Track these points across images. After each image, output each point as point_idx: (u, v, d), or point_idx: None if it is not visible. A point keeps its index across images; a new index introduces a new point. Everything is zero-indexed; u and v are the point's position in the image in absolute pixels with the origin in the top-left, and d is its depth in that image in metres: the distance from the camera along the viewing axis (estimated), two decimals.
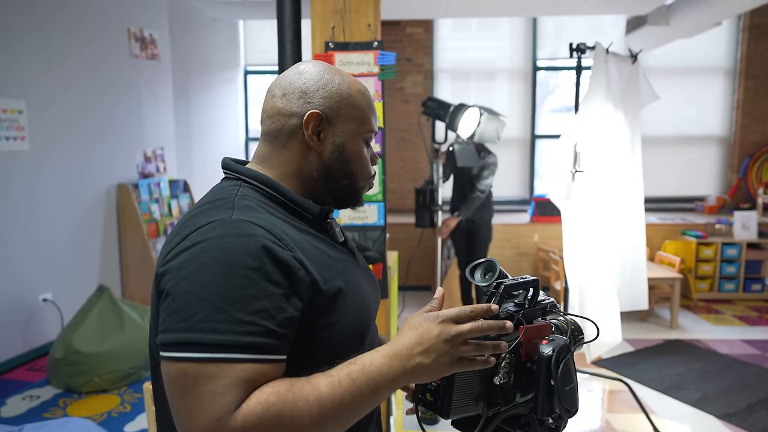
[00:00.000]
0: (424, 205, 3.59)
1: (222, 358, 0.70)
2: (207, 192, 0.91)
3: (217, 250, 0.74)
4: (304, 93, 0.88)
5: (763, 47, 5.61)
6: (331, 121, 0.89)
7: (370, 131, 0.93)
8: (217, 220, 0.78)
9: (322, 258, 0.84)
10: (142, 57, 4.53)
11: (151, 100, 4.65)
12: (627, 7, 4.77)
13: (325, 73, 0.91)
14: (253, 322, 0.71)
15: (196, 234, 0.77)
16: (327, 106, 0.88)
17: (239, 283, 0.72)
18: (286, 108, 0.89)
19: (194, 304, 0.71)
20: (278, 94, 0.90)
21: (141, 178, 4.51)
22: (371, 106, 0.94)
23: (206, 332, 0.70)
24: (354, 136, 0.91)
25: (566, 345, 0.88)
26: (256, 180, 0.88)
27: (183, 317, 0.71)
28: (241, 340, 0.70)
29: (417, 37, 5.79)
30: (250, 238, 0.75)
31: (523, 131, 5.94)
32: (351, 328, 0.85)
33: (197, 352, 0.70)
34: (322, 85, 0.89)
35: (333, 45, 2.11)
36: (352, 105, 0.90)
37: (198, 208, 0.84)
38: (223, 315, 0.71)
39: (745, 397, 3.11)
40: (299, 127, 0.88)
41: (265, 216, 0.82)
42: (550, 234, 5.25)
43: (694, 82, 5.79)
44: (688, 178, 5.93)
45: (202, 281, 0.72)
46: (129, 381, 3.21)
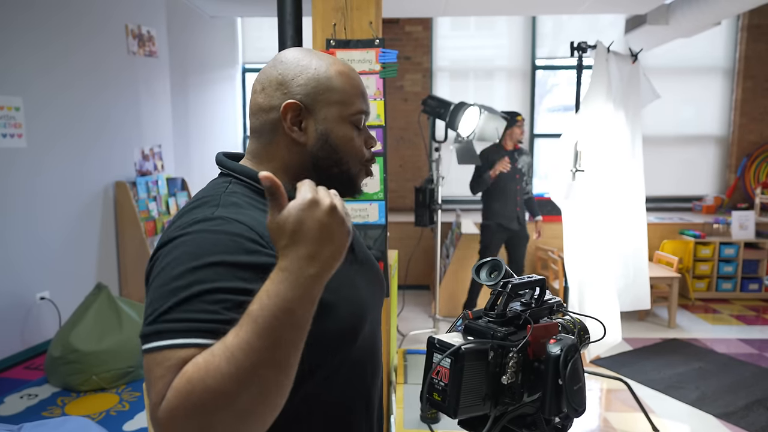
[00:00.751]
0: (423, 203, 3.59)
1: (172, 345, 0.67)
2: (203, 188, 0.91)
3: (189, 244, 0.73)
4: (281, 84, 0.85)
5: (762, 47, 5.62)
6: (311, 108, 0.85)
7: (356, 113, 0.87)
8: (199, 217, 0.77)
9: None
10: (140, 54, 4.50)
11: (149, 97, 4.63)
12: (626, 6, 4.77)
13: (300, 59, 0.87)
14: (216, 311, 0.69)
15: (177, 229, 0.77)
16: (304, 93, 0.85)
17: (205, 276, 0.70)
18: (265, 102, 0.86)
19: (163, 297, 0.70)
20: (258, 89, 0.88)
21: (139, 175, 4.49)
22: (356, 86, 0.88)
23: (166, 322, 0.68)
24: (338, 121, 0.86)
25: (574, 344, 0.88)
26: (246, 176, 0.87)
27: (152, 310, 0.71)
28: (199, 326, 0.67)
29: (416, 35, 5.78)
30: (225, 234, 0.74)
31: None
32: (342, 322, 0.83)
33: (156, 341, 0.68)
34: (298, 72, 0.85)
35: (334, 42, 2.10)
36: (331, 88, 0.85)
37: (187, 207, 0.84)
38: (185, 305, 0.69)
39: (743, 396, 3.12)
40: (279, 120, 0.85)
41: (250, 212, 0.80)
42: (549, 233, 5.24)
43: (692, 82, 5.80)
44: (686, 177, 5.94)
45: (171, 274, 0.72)
46: (127, 379, 3.19)
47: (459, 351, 0.83)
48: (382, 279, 1.04)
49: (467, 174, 5.64)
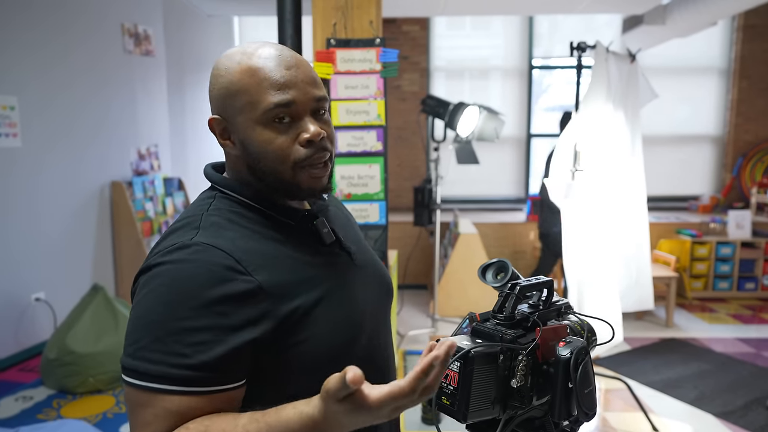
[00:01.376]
0: (422, 203, 3.58)
1: (152, 388, 0.70)
2: (192, 202, 0.91)
3: (167, 276, 0.73)
4: (210, 99, 0.84)
5: (757, 47, 5.64)
6: (228, 119, 0.81)
7: (267, 110, 0.77)
8: (177, 244, 0.76)
9: (298, 269, 0.80)
10: (136, 53, 4.47)
11: (146, 96, 4.60)
12: (624, 6, 4.77)
13: (218, 65, 0.82)
14: (187, 354, 0.70)
15: (157, 257, 0.76)
16: (219, 104, 0.81)
17: (181, 314, 0.71)
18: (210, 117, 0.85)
19: (138, 330, 0.72)
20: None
21: (135, 175, 4.46)
22: (265, 78, 0.77)
23: (143, 360, 0.71)
24: (250, 126, 0.78)
25: (584, 347, 0.87)
26: (231, 190, 0.85)
27: (130, 341, 0.73)
28: (170, 372, 0.70)
29: (413, 34, 5.77)
30: (203, 265, 0.73)
31: (518, 130, 5.94)
32: (328, 342, 0.80)
33: (135, 379, 0.71)
34: (213, 82, 0.82)
35: (334, 42, 2.09)
36: (237, 92, 0.78)
37: (171, 227, 0.83)
38: (159, 345, 0.70)
39: (741, 395, 3.13)
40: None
41: (230, 234, 0.78)
42: None
43: (688, 82, 5.82)
44: (683, 177, 5.95)
45: (147, 308, 0.73)
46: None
47: (469, 354, 0.82)
48: (386, 281, 1.00)
49: (465, 174, 5.66)
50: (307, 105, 0.79)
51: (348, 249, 0.91)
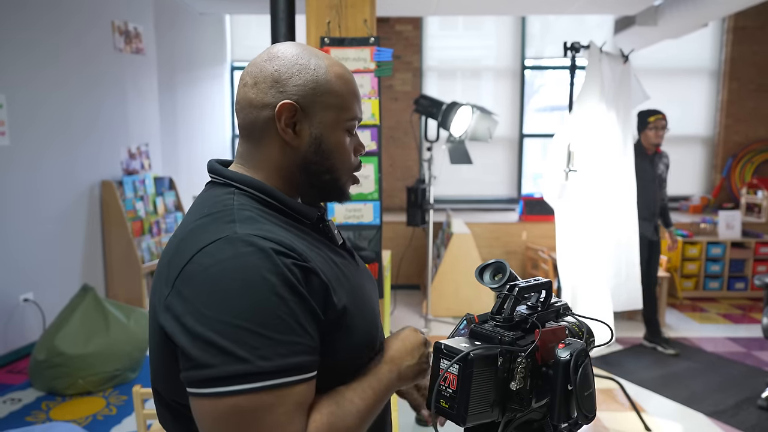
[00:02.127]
0: (416, 203, 3.57)
1: (276, 385, 0.67)
2: (196, 200, 0.85)
3: (234, 271, 0.69)
4: (276, 81, 0.80)
5: (747, 49, 5.69)
6: (307, 111, 0.81)
7: (352, 119, 0.84)
8: (222, 239, 0.72)
9: (328, 265, 0.80)
10: (126, 51, 4.43)
11: (136, 95, 4.56)
12: (616, 7, 4.80)
13: (299, 57, 0.82)
14: (294, 341, 0.69)
15: (203, 256, 0.71)
16: (301, 95, 0.80)
17: (269, 303, 0.68)
18: (257, 99, 0.81)
19: (229, 333, 0.66)
20: (249, 82, 0.82)
21: (125, 175, 4.41)
22: (353, 91, 0.85)
23: (251, 361, 0.66)
24: (333, 126, 0.82)
25: (584, 349, 0.86)
26: (250, 186, 0.82)
27: (219, 349, 0.66)
28: (289, 362, 0.68)
29: (406, 34, 5.77)
30: (264, 253, 0.70)
31: (511, 130, 5.95)
32: (364, 334, 0.82)
33: (248, 383, 0.65)
34: (296, 71, 0.80)
35: (328, 40, 2.07)
36: (329, 91, 0.81)
37: (194, 222, 0.77)
38: (263, 339, 0.67)
39: (732, 395, 3.15)
40: (273, 119, 0.80)
41: (269, 227, 0.76)
42: (539, 233, 5.27)
43: (679, 83, 5.86)
44: (673, 177, 5.98)
45: (229, 308, 0.67)
46: (115, 383, 3.13)
47: (468, 357, 0.81)
48: (375, 281, 1.02)
49: (457, 174, 5.66)
50: (358, 124, 0.90)
51: (350, 250, 0.93)
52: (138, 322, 3.32)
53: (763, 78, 5.73)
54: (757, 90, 5.76)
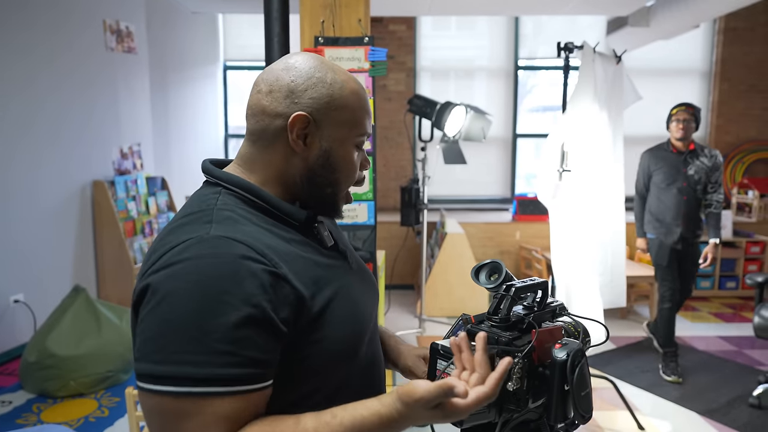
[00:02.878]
0: (410, 203, 3.57)
1: (198, 393, 0.66)
2: (187, 200, 0.86)
3: (192, 272, 0.69)
4: (291, 92, 0.81)
5: (738, 50, 5.74)
6: (319, 124, 0.82)
7: (362, 135, 0.86)
8: (194, 238, 0.72)
9: (309, 269, 0.80)
10: (118, 50, 4.39)
11: (128, 94, 4.52)
12: (609, 7, 4.82)
13: (316, 70, 0.83)
14: (233, 352, 0.67)
15: (171, 254, 0.72)
16: (315, 108, 0.81)
17: (217, 309, 0.68)
18: (271, 107, 0.82)
19: (169, 333, 0.67)
20: (264, 90, 0.83)
21: (117, 174, 4.38)
22: (365, 108, 0.86)
23: (181, 364, 0.66)
24: (343, 142, 0.83)
25: (581, 349, 0.86)
26: (237, 186, 0.82)
27: (157, 347, 0.67)
28: (219, 372, 0.67)
29: (400, 34, 5.76)
30: (229, 257, 0.71)
31: (504, 130, 5.96)
32: (341, 341, 0.81)
33: (172, 386, 0.66)
34: (312, 84, 0.81)
35: (323, 40, 2.07)
36: (343, 107, 0.82)
37: (176, 222, 0.79)
38: (199, 345, 0.66)
39: (724, 393, 3.17)
40: (284, 128, 0.81)
41: (247, 228, 0.76)
42: (532, 232, 5.28)
43: (671, 84, 5.89)
44: None
45: (176, 308, 0.68)
46: (107, 384, 3.11)
47: None
48: (375, 284, 1.01)
49: (450, 174, 5.67)
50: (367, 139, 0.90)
51: (343, 252, 0.92)
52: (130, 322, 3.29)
53: (753, 79, 5.78)
54: (747, 91, 5.81)
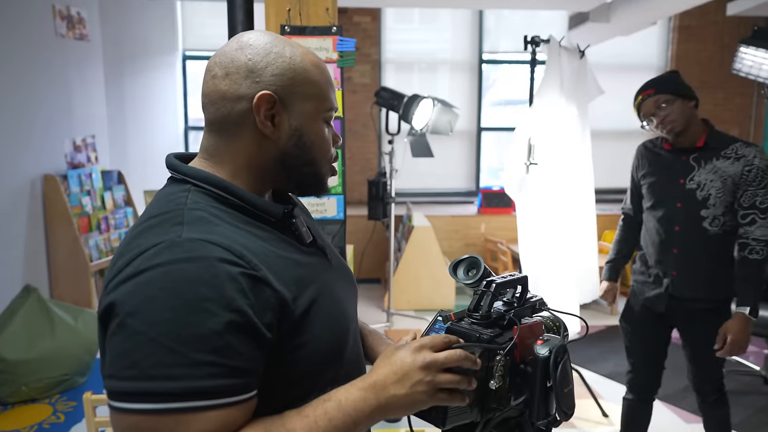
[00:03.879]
0: (377, 197, 3.54)
1: (180, 408, 0.61)
2: (153, 198, 0.80)
3: (165, 279, 0.64)
4: (251, 71, 0.75)
5: (692, 48, 5.93)
6: (286, 102, 0.77)
7: (329, 109, 0.82)
8: (164, 242, 0.67)
9: (290, 269, 0.75)
10: (69, 37, 4.18)
11: (80, 84, 4.31)
12: (572, 2, 4.89)
13: (273, 45, 0.77)
14: (214, 362, 0.62)
15: (141, 260, 0.66)
16: (279, 84, 0.76)
17: (194, 318, 0.62)
18: (231, 90, 0.76)
19: (143, 346, 0.62)
20: (220, 74, 0.76)
21: (70, 168, 4.18)
22: (329, 80, 0.82)
23: (159, 379, 0.61)
24: (313, 117, 0.79)
25: (563, 345, 0.85)
26: (207, 182, 0.76)
27: (131, 362, 0.62)
28: (200, 385, 0.62)
29: (364, 26, 5.70)
30: (205, 261, 0.65)
31: (468, 124, 6.00)
32: (328, 342, 0.78)
33: (150, 403, 0.61)
34: (272, 59, 0.76)
35: (289, 29, 2.01)
36: (307, 81, 0.78)
37: (143, 224, 0.72)
38: (177, 357, 0.61)
39: (682, 379, 3.27)
40: (249, 111, 0.76)
41: (221, 229, 0.71)
42: (497, 225, 5.34)
43: (628, 79, 6.02)
44: (623, 170, 6.19)
45: (150, 319, 0.62)
46: (62, 388, 2.97)
47: None
48: (354, 280, 0.97)
49: (416, 167, 5.66)
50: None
51: (322, 248, 0.88)
52: (87, 323, 3.15)
53: (704, 75, 5.99)
54: (699, 87, 5.98)
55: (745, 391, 3.09)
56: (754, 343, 3.84)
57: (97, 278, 4.13)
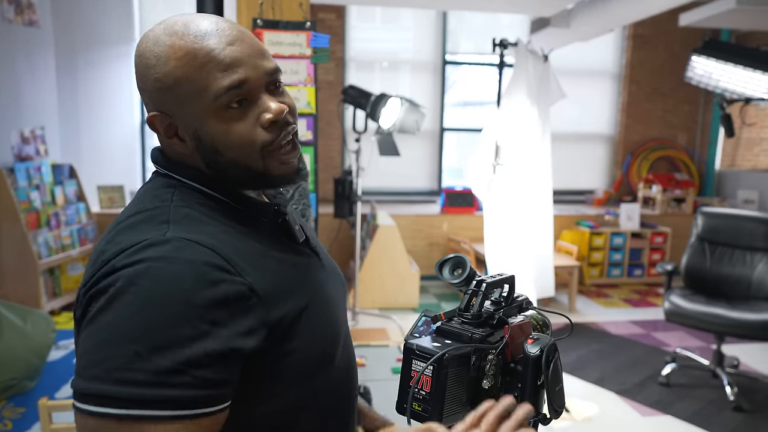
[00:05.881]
0: (343, 195, 3.52)
1: (139, 417, 0.58)
2: (137, 192, 0.76)
3: (146, 278, 0.61)
4: (141, 91, 0.72)
5: (644, 55, 6.18)
6: (172, 114, 0.70)
7: (218, 96, 0.67)
8: (148, 240, 0.63)
9: (281, 271, 0.72)
10: (17, 22, 3.95)
11: (29, 72, 4.09)
12: (534, 7, 4.99)
13: (141, 57, 0.69)
14: (182, 371, 0.59)
15: (122, 257, 0.62)
16: (157, 101, 0.70)
17: (170, 323, 0.59)
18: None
19: (110, 346, 0.59)
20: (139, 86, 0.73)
21: (17, 161, 3.96)
22: (203, 61, 0.67)
23: (121, 383, 0.58)
24: (201, 116, 0.68)
25: (554, 344, 0.86)
26: (194, 179, 0.73)
27: (96, 361, 0.59)
28: (168, 394, 0.58)
29: (329, 23, 5.65)
30: (188, 264, 0.62)
31: (431, 124, 6.04)
32: (318, 346, 0.75)
33: (110, 407, 0.58)
34: (144, 74, 0.69)
35: (262, 22, 1.96)
36: (174, 85, 0.68)
37: (125, 220, 0.69)
38: (143, 363, 0.58)
39: (637, 373, 3.42)
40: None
41: (209, 228, 0.68)
42: (459, 224, 5.41)
43: (586, 84, 6.24)
44: (580, 172, 6.40)
45: (123, 319, 0.59)
46: (9, 394, 2.81)
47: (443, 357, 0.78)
48: (344, 282, 0.95)
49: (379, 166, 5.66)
50: (260, 81, 0.69)
51: (315, 248, 0.84)
52: (36, 325, 2.99)
53: (655, 82, 6.25)
54: (651, 93, 6.28)
55: (696, 385, 3.24)
56: (703, 338, 4.04)
57: (47, 277, 3.93)
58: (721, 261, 3.38)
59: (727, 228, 3.38)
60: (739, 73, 4.02)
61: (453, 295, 4.94)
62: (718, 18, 4.44)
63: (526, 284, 2.96)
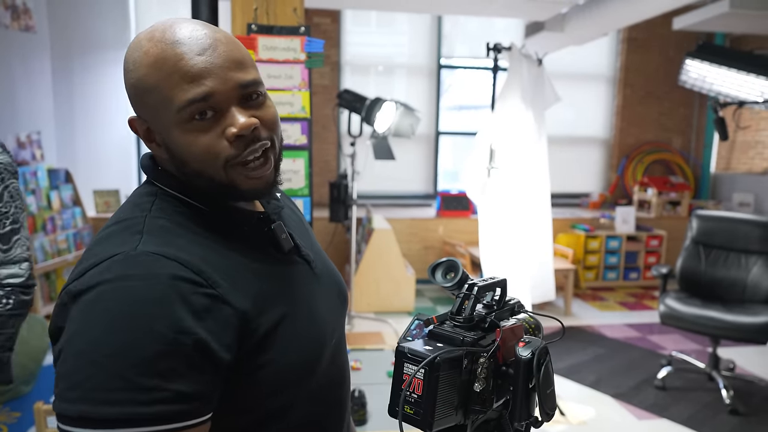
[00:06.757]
0: (338, 199, 3.52)
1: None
2: (126, 199, 0.77)
3: (113, 297, 0.61)
4: (128, 97, 0.73)
5: (639, 59, 6.21)
6: (147, 120, 0.71)
7: (180, 108, 0.66)
8: (119, 255, 0.63)
9: (257, 283, 0.71)
10: (13, 28, 3.95)
11: (25, 77, 4.09)
12: (529, 11, 5.02)
13: (125, 60, 0.70)
14: (157, 386, 0.59)
15: (93, 274, 0.63)
16: (135, 105, 0.71)
17: (141, 340, 0.59)
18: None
19: (85, 367, 0.59)
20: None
21: None
22: (176, 69, 0.65)
23: (98, 404, 0.58)
24: (167, 128, 0.68)
25: (545, 347, 0.87)
26: (175, 188, 0.72)
27: (73, 383, 0.59)
28: (143, 411, 0.58)
29: (324, 27, 5.67)
30: (156, 279, 0.62)
31: (427, 128, 6.06)
32: (295, 361, 0.73)
33: (89, 428, 0.58)
34: (124, 79, 0.70)
35: (256, 27, 1.97)
36: (144, 91, 0.67)
37: (106, 229, 0.69)
38: (119, 382, 0.58)
39: (633, 376, 3.43)
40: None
41: (181, 241, 0.67)
42: (455, 228, 5.41)
43: (581, 88, 6.27)
44: (576, 176, 6.42)
45: (94, 338, 0.59)
46: (5, 398, 2.80)
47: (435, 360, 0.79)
48: (343, 288, 0.93)
49: (374, 170, 5.67)
50: (230, 93, 0.67)
51: (306, 257, 0.83)
52: (32, 329, 2.98)
53: (649, 86, 6.29)
54: (645, 96, 6.31)
55: (692, 388, 3.25)
56: (698, 341, 4.05)
57: (43, 281, 3.92)
58: (716, 264, 3.40)
59: (722, 231, 3.40)
60: (733, 77, 4.05)
61: (448, 298, 4.94)
62: (712, 22, 4.48)
63: (522, 288, 2.97)
